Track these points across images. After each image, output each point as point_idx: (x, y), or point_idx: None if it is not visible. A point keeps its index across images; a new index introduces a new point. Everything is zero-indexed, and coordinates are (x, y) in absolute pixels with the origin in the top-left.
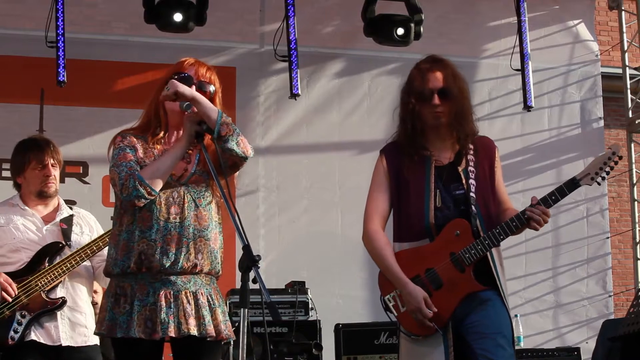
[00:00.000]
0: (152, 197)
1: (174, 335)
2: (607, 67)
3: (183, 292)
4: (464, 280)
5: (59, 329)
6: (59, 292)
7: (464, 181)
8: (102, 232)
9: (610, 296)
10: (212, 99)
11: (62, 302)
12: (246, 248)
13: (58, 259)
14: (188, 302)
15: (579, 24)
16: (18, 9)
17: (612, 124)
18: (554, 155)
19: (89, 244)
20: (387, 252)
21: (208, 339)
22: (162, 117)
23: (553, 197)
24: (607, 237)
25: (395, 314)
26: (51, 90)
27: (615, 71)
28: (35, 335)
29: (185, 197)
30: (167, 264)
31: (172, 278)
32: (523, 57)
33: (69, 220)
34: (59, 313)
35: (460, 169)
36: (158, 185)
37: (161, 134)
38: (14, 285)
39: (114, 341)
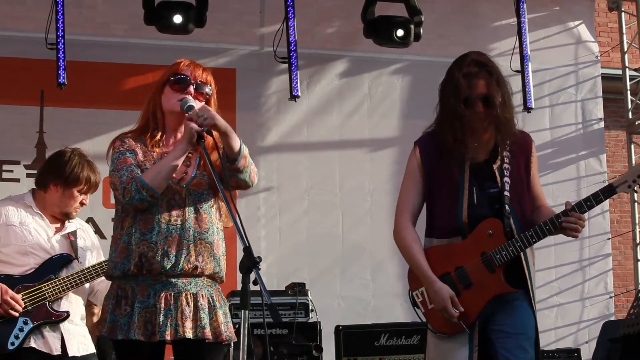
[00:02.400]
0: (154, 200)
1: (169, 339)
2: (607, 69)
3: (183, 294)
4: (494, 281)
5: (62, 339)
6: (63, 305)
7: (498, 179)
8: (88, 254)
9: (610, 297)
10: (208, 100)
11: (67, 316)
12: (247, 249)
13: (65, 272)
14: (187, 304)
15: (579, 25)
16: (18, 10)
17: (611, 125)
18: (555, 156)
19: (100, 263)
20: (415, 249)
21: (207, 341)
22: (160, 119)
23: (588, 203)
24: (608, 239)
25: (423, 310)
26: (51, 91)
27: (615, 72)
28: (35, 343)
29: (187, 200)
30: (168, 266)
31: (173, 280)
32: (523, 58)
33: (74, 233)
34: (61, 325)
35: (495, 167)
36: (160, 188)
37: (159, 136)
38: (20, 301)
39: (114, 343)
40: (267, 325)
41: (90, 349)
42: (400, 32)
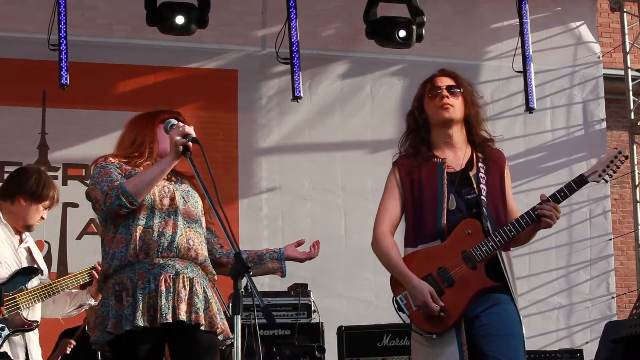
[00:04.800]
0: (134, 207)
1: (171, 321)
2: (609, 69)
3: (181, 276)
4: (476, 276)
5: (29, 348)
6: (31, 315)
7: (475, 186)
8: (44, 267)
9: (613, 298)
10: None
11: (36, 325)
12: (237, 255)
13: (31, 284)
14: (183, 286)
15: (581, 26)
16: (20, 11)
17: (613, 125)
18: (557, 157)
19: (69, 276)
20: (392, 252)
21: (201, 328)
22: (155, 149)
23: (562, 194)
24: (610, 239)
25: (408, 313)
26: (53, 93)
27: (617, 73)
28: (7, 349)
29: (175, 193)
30: (165, 244)
31: (170, 262)
32: (525, 59)
33: (28, 247)
34: (27, 334)
35: (471, 174)
36: (141, 196)
37: (147, 163)
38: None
39: (117, 340)
40: (269, 326)
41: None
42: (402, 33)
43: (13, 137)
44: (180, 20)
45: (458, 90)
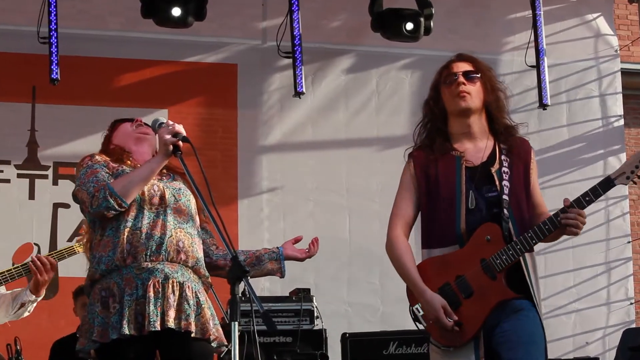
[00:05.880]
0: (122, 209)
1: (159, 329)
2: (627, 63)
3: (170, 281)
4: (496, 287)
5: None
6: None
7: (497, 183)
8: None
9: (631, 304)
10: None
11: None
12: (234, 259)
13: None
14: (172, 292)
15: (598, 18)
16: (8, 2)
17: (631, 122)
18: (573, 155)
19: (9, 269)
20: (406, 259)
21: (192, 336)
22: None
23: (587, 198)
24: (628, 242)
25: (425, 324)
26: (43, 88)
27: (636, 67)
28: None
29: (165, 191)
30: (153, 246)
31: (159, 266)
32: (538, 52)
33: None
34: None
35: (493, 170)
36: (129, 198)
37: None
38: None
39: (102, 349)
40: (270, 333)
41: None
42: (409, 26)
43: (1, 134)
44: (176, 12)
45: (476, 75)
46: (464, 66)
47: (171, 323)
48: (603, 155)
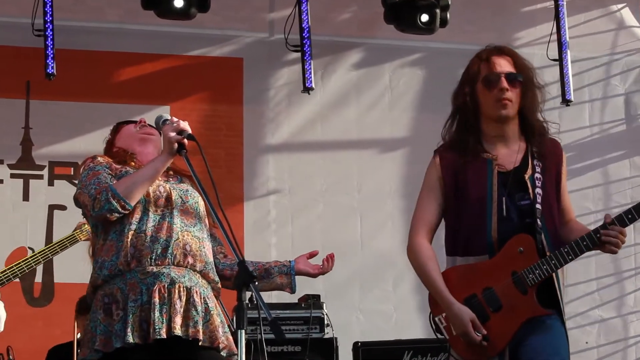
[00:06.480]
0: (126, 212)
1: (165, 337)
2: None
3: (176, 286)
4: (526, 303)
5: None
6: None
7: (530, 190)
8: None
9: None
10: None
11: None
12: (241, 264)
13: None
14: (179, 297)
15: (623, 9)
16: None
17: None
18: (597, 155)
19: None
20: (430, 267)
21: (200, 344)
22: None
23: (629, 216)
24: None
25: (447, 337)
26: (38, 83)
27: None
28: None
29: (172, 193)
30: (159, 250)
31: (165, 270)
32: (561, 45)
33: None
34: None
35: (526, 176)
36: (133, 199)
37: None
38: None
39: (106, 358)
40: (278, 342)
41: None
42: (424, 17)
43: None
44: (179, 3)
45: (519, 79)
46: (506, 65)
47: (178, 330)
48: (628, 154)
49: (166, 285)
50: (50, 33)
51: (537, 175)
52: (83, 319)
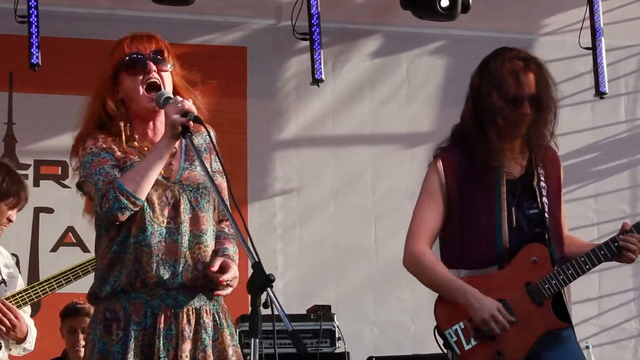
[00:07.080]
0: (137, 208)
1: None
2: None
3: (185, 310)
4: (543, 315)
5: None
6: None
7: (538, 199)
8: (17, 276)
9: None
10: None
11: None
12: (257, 265)
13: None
14: (188, 321)
15: None
16: None
17: None
18: (632, 153)
19: (40, 283)
20: (438, 268)
21: None
22: (118, 112)
23: None
24: None
25: (459, 352)
26: (22, 74)
27: None
28: None
29: (181, 198)
30: (165, 276)
31: (173, 293)
32: (594, 33)
33: None
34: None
35: (534, 183)
36: (143, 193)
37: (128, 130)
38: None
39: None
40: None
41: None
42: (444, 2)
43: None
44: None
45: (540, 102)
46: (531, 85)
47: (185, 357)
48: None
49: (172, 310)
50: (35, 19)
51: (542, 183)
52: (67, 323)
